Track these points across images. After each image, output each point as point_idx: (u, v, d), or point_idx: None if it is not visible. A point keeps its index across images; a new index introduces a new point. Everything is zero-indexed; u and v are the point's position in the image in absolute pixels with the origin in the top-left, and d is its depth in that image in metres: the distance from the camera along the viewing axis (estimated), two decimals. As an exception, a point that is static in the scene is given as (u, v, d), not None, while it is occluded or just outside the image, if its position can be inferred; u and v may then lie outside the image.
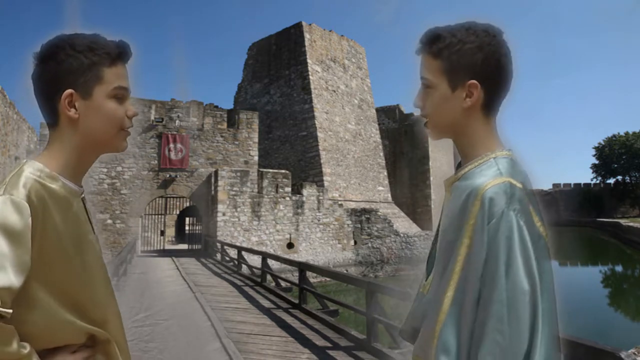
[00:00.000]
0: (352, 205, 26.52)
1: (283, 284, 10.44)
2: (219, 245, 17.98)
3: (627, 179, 55.03)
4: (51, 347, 0.91)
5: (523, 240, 0.84)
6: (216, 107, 23.89)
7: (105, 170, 20.00)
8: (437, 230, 1.05)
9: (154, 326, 6.71)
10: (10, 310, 0.79)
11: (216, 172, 20.31)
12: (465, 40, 0.96)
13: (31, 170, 0.93)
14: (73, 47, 0.97)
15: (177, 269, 14.59)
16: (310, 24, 30.76)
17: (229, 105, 38.69)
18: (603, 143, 56.81)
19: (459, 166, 1.05)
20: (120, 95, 1.02)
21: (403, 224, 29.60)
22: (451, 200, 0.98)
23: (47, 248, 0.89)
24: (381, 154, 34.20)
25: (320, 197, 22.73)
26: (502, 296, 0.82)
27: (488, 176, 0.91)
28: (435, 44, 0.99)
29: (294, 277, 10.72)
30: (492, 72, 0.96)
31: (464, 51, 0.96)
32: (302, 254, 20.96)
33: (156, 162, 21.09)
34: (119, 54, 1.02)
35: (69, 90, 0.96)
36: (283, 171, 22.32)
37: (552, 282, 0.87)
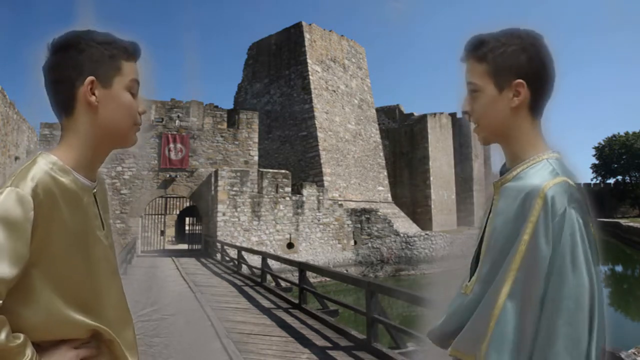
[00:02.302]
0: (352, 205, 26.51)
1: (283, 284, 10.44)
2: (219, 245, 17.98)
3: (627, 179, 55.03)
4: (52, 339, 0.92)
5: (583, 237, 0.87)
6: (216, 107, 23.88)
7: (105, 170, 19.99)
8: (482, 232, 1.06)
9: (158, 322, 6.71)
10: (0, 301, 0.80)
11: (216, 172, 20.31)
12: (509, 42, 0.99)
13: (44, 163, 0.94)
14: (93, 39, 1.00)
15: (177, 269, 14.58)
16: (310, 24, 30.75)
17: (229, 105, 38.71)
18: (603, 143, 56.81)
19: (503, 170, 1.07)
20: (135, 89, 1.05)
21: (403, 224, 29.60)
22: (502, 200, 0.99)
23: (52, 242, 0.90)
24: (381, 154, 34.20)
25: (320, 197, 22.72)
26: (571, 292, 0.84)
27: (546, 176, 0.93)
28: (480, 48, 1.02)
29: (294, 277, 10.73)
30: (537, 72, 0.98)
31: (508, 53, 0.99)
32: (302, 254, 20.95)
33: (156, 162, 21.09)
34: (134, 50, 1.06)
35: (91, 77, 0.98)
36: (283, 171, 22.32)
37: (600, 280, 0.89)
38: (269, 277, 10.90)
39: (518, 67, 0.98)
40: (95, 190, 1.04)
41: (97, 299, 0.98)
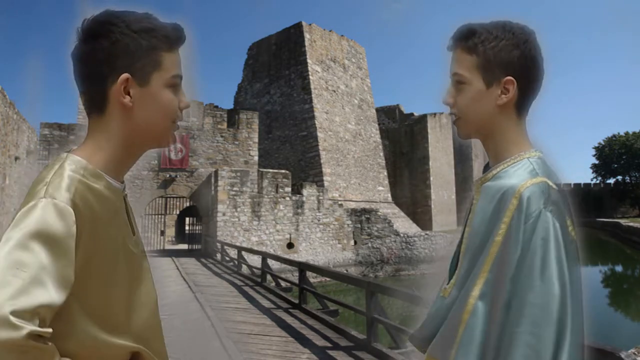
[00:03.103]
0: (352, 205, 26.51)
1: (283, 284, 10.44)
2: (219, 245, 17.99)
3: (627, 179, 55.06)
4: None
5: (558, 243, 0.82)
6: (216, 107, 23.88)
7: (105, 170, 19.97)
8: (462, 233, 1.01)
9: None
10: (50, 330, 0.69)
11: (216, 172, 20.31)
12: (501, 36, 0.94)
13: (74, 168, 0.81)
14: (129, 26, 0.85)
15: (177, 269, 14.58)
16: (310, 24, 30.75)
17: (229, 105, 38.71)
18: (603, 143, 56.84)
19: (486, 167, 1.03)
20: (177, 84, 0.92)
21: (403, 224, 29.59)
22: (481, 199, 0.95)
23: (93, 260, 0.79)
24: (381, 154, 34.20)
25: (320, 197, 22.72)
26: (537, 299, 0.79)
27: (524, 176, 0.89)
28: (471, 39, 0.96)
29: (294, 277, 10.72)
30: (528, 70, 0.94)
31: (500, 47, 0.94)
32: (302, 254, 20.95)
33: (156, 162, 21.09)
34: (178, 38, 0.91)
35: (126, 75, 0.85)
36: (283, 171, 22.32)
37: (581, 288, 0.85)
38: (269, 277, 10.90)
39: (509, 64, 0.93)
40: (125, 193, 0.94)
41: (133, 317, 0.88)
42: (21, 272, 0.68)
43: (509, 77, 0.93)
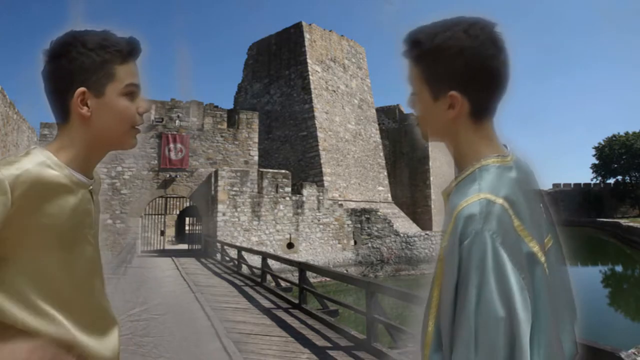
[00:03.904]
0: (352, 205, 26.52)
1: (283, 284, 10.44)
2: (219, 245, 17.99)
3: (627, 179, 55.06)
4: (17, 326, 0.88)
5: (498, 263, 0.74)
6: (216, 107, 23.89)
7: (105, 170, 19.99)
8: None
9: (150, 321, 6.71)
10: None
11: (216, 172, 20.31)
12: (444, 45, 0.86)
13: (37, 156, 0.93)
14: (84, 44, 0.96)
15: (177, 269, 14.58)
16: (310, 24, 30.75)
17: (229, 105, 38.73)
18: (603, 143, 56.85)
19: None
20: (132, 92, 1.02)
21: (403, 224, 29.59)
22: (444, 215, 0.91)
23: (29, 234, 0.89)
24: (381, 154, 34.21)
25: (320, 197, 22.72)
26: (470, 322, 0.73)
27: (466, 194, 0.83)
28: (414, 49, 0.91)
29: (294, 277, 10.73)
30: (476, 78, 0.86)
31: (442, 59, 0.87)
32: (302, 254, 20.96)
33: (156, 162, 21.09)
34: (131, 51, 1.01)
35: (82, 89, 0.96)
36: (283, 171, 22.33)
37: (547, 301, 0.80)
38: (269, 277, 10.90)
39: (452, 76, 0.87)
40: (91, 187, 1.02)
41: (75, 297, 0.96)
42: None
43: (452, 93, 0.87)
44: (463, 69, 0.86)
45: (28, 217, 0.88)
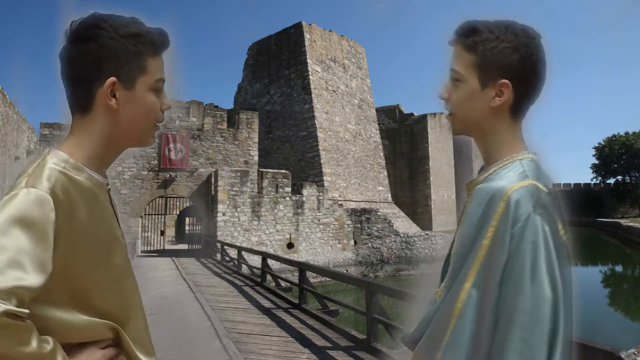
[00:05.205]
0: (352, 205, 26.52)
1: (283, 284, 10.44)
2: (219, 245, 17.99)
3: (627, 179, 55.05)
4: (78, 341, 0.85)
5: (548, 247, 0.80)
6: (216, 107, 23.90)
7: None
8: (454, 235, 1.00)
9: (160, 322, 6.71)
10: (27, 311, 0.72)
11: (216, 172, 20.31)
12: (502, 37, 0.92)
13: (55, 161, 0.85)
14: (116, 30, 0.89)
15: (177, 269, 14.59)
16: (310, 24, 30.76)
17: (229, 105, 38.73)
18: (603, 143, 56.85)
19: (481, 170, 1.01)
20: (160, 88, 0.96)
21: (403, 224, 29.60)
22: (472, 202, 0.93)
23: (74, 246, 0.83)
24: (381, 154, 34.21)
25: (320, 197, 22.73)
26: (526, 304, 0.78)
27: (514, 178, 0.87)
28: (471, 36, 0.95)
29: (294, 277, 10.72)
30: (526, 74, 0.92)
31: (500, 49, 0.92)
32: (302, 254, 20.96)
33: (156, 162, 21.09)
34: (163, 43, 0.95)
35: (113, 79, 0.89)
36: (283, 171, 22.33)
37: (572, 291, 0.84)
38: (269, 277, 10.89)
39: (507, 67, 0.92)
40: (109, 186, 0.98)
41: (120, 300, 0.93)
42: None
43: (505, 80, 0.92)
44: (517, 63, 0.92)
45: (70, 228, 0.82)
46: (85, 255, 0.85)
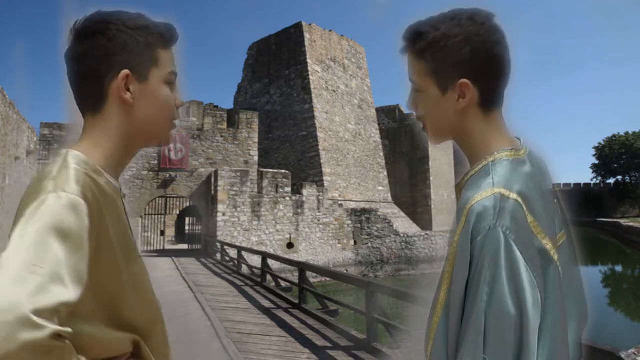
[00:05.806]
0: (352, 205, 26.53)
1: (283, 284, 10.44)
2: (219, 245, 17.99)
3: (627, 179, 55.10)
4: (104, 357, 0.81)
5: (511, 260, 0.73)
6: (216, 107, 23.89)
7: (105, 170, 19.99)
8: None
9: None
10: (71, 330, 0.65)
11: (216, 172, 20.32)
12: (449, 33, 0.85)
13: (77, 162, 0.79)
14: (124, 23, 0.86)
15: (177, 269, 14.59)
16: (310, 24, 30.76)
17: (229, 105, 38.73)
18: (603, 143, 56.90)
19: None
20: (173, 81, 0.92)
21: (403, 224, 29.60)
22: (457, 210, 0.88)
23: (101, 253, 0.77)
24: (381, 154, 34.21)
25: (320, 197, 22.73)
26: (481, 318, 0.72)
27: (479, 188, 0.80)
28: (418, 42, 0.88)
29: (294, 277, 10.72)
30: (484, 65, 0.85)
31: (449, 47, 0.85)
32: (302, 254, 20.96)
33: (156, 162, 21.10)
34: (172, 36, 0.92)
35: (127, 71, 0.85)
36: (283, 171, 22.33)
37: (558, 299, 0.79)
38: (269, 277, 10.90)
39: (461, 64, 0.84)
40: (123, 194, 0.93)
41: (144, 311, 0.89)
42: (38, 268, 0.64)
43: (463, 80, 0.85)
44: (470, 57, 0.84)
45: (99, 235, 0.76)
46: (112, 265, 0.80)
